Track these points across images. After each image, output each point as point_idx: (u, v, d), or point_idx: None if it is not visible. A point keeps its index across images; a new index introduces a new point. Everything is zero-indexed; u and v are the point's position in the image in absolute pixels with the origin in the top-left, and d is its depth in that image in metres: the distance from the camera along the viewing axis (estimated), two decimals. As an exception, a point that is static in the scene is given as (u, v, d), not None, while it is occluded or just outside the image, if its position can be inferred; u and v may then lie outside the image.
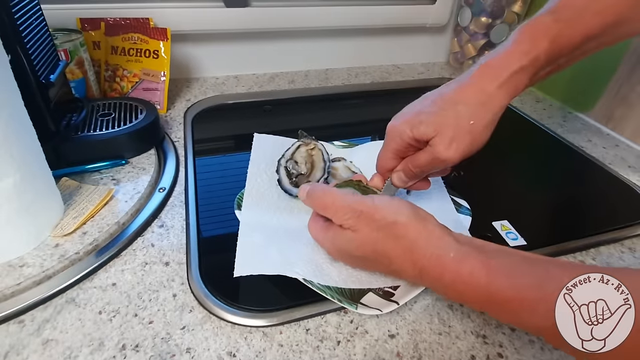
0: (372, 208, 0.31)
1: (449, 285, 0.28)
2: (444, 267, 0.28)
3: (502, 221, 0.45)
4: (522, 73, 0.33)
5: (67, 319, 0.32)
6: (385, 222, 0.30)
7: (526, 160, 0.60)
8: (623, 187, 0.52)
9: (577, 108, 0.69)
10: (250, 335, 0.32)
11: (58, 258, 0.36)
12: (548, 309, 0.24)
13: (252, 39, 0.74)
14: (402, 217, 0.30)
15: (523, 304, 0.25)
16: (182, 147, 0.54)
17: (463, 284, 0.27)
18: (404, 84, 0.79)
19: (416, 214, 0.31)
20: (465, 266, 0.27)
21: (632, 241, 0.44)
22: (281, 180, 0.44)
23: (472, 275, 0.27)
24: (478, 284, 0.27)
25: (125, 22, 0.62)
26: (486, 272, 0.26)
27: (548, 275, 0.25)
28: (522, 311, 0.25)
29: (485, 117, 0.33)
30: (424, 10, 0.78)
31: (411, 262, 0.30)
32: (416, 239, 0.29)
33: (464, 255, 0.28)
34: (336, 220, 0.32)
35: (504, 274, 0.26)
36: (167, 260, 0.38)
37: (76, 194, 0.42)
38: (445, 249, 0.28)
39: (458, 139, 0.33)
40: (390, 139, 0.37)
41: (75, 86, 0.56)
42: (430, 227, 0.30)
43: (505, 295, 0.26)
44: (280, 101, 0.70)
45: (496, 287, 0.26)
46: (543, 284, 0.25)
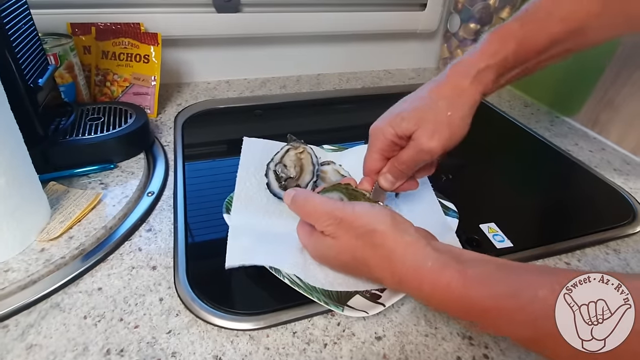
0: (352, 215, 0.31)
1: (428, 295, 0.28)
2: (422, 278, 0.28)
3: (489, 224, 0.45)
4: (488, 71, 0.35)
5: (51, 323, 0.32)
6: (364, 230, 0.30)
7: (514, 164, 0.61)
8: (608, 189, 0.53)
9: (563, 112, 0.70)
10: (236, 338, 0.32)
11: (43, 263, 0.36)
12: (526, 319, 0.24)
13: (244, 44, 0.74)
14: (380, 225, 0.30)
15: (500, 313, 0.25)
16: (172, 151, 0.54)
17: (442, 295, 0.27)
18: (395, 88, 0.80)
19: (395, 223, 0.30)
20: (443, 277, 0.27)
21: (616, 243, 0.44)
22: (270, 184, 0.44)
23: (450, 286, 0.27)
24: (456, 295, 0.26)
25: (116, 27, 0.62)
26: (463, 282, 0.26)
27: (522, 284, 0.25)
28: (500, 320, 0.25)
29: (461, 109, 0.35)
30: (414, 16, 0.79)
31: (390, 272, 0.30)
32: (394, 249, 0.29)
33: (441, 266, 0.27)
34: (318, 227, 0.33)
35: (480, 284, 0.26)
36: (154, 265, 0.38)
37: (63, 198, 0.42)
38: (423, 260, 0.28)
39: (438, 130, 0.35)
40: (374, 140, 0.39)
41: (64, 90, 0.56)
42: (408, 237, 0.30)
43: (483, 305, 0.26)
44: (271, 106, 0.70)
45: (473, 297, 0.26)
46: (518, 293, 0.25)
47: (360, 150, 0.52)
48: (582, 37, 0.36)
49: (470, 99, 0.36)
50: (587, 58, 0.64)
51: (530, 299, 0.24)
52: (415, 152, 0.36)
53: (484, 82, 0.36)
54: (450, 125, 0.35)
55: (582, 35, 0.36)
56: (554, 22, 0.35)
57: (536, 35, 0.35)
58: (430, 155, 0.35)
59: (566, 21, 0.35)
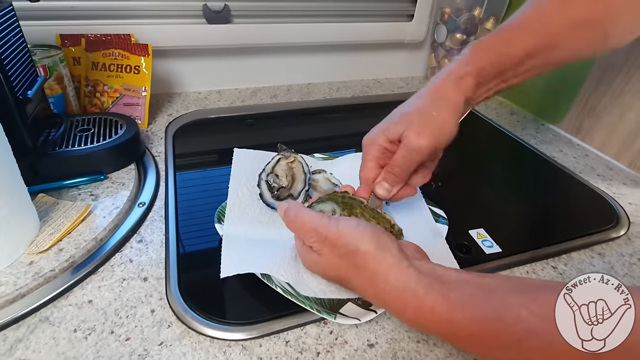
0: (335, 234, 0.31)
1: (411, 319, 0.28)
2: (405, 302, 0.28)
3: (478, 229, 0.46)
4: (467, 78, 0.37)
5: (40, 338, 0.32)
6: (346, 250, 0.30)
7: (501, 171, 0.62)
8: (593, 195, 0.54)
9: (548, 120, 0.72)
10: (229, 349, 0.32)
11: (32, 276, 0.35)
12: (510, 340, 0.24)
13: (235, 54, 0.75)
14: (362, 246, 0.30)
15: (485, 337, 0.25)
16: (162, 161, 0.54)
17: (426, 319, 0.27)
18: (384, 97, 0.81)
19: (378, 244, 0.30)
20: (427, 301, 0.27)
21: (601, 247, 0.45)
22: (263, 194, 0.45)
23: (434, 311, 0.26)
24: (440, 320, 0.26)
25: (106, 38, 0.62)
26: (447, 307, 0.26)
27: (504, 307, 0.25)
28: (484, 344, 0.26)
29: (445, 110, 0.37)
30: (402, 27, 0.81)
31: (373, 293, 0.30)
32: (376, 272, 0.29)
33: (425, 289, 0.27)
34: (305, 242, 0.33)
35: (464, 308, 0.26)
36: (146, 276, 0.38)
37: (53, 210, 0.42)
38: (406, 282, 0.28)
39: (425, 129, 0.36)
40: (367, 149, 0.40)
41: (54, 102, 0.56)
42: (391, 259, 0.29)
43: (467, 330, 0.25)
44: (262, 115, 0.71)
45: (458, 321, 0.26)
46: (501, 315, 0.25)
47: (351, 159, 0.53)
48: (554, 52, 0.38)
49: (453, 102, 0.37)
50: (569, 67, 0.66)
51: (514, 320, 0.24)
52: (405, 152, 0.37)
53: (464, 88, 0.37)
54: (437, 124, 0.36)
55: (553, 50, 0.38)
56: (526, 34, 0.38)
57: (512, 47, 0.37)
58: (419, 153, 0.36)
59: (538, 35, 0.37)
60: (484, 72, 0.37)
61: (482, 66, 0.37)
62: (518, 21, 0.39)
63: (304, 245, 0.34)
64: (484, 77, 0.38)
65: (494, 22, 0.76)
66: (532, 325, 0.23)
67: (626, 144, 0.59)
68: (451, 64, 0.39)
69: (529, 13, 0.39)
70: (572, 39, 0.38)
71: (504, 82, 0.39)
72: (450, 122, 0.37)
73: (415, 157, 0.37)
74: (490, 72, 0.38)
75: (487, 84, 0.38)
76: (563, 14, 0.37)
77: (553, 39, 0.37)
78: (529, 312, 0.24)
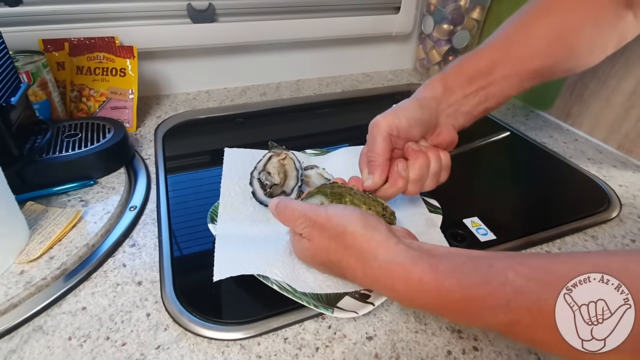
0: (325, 217, 0.32)
1: (401, 292, 0.28)
2: (394, 275, 0.28)
3: (472, 218, 0.46)
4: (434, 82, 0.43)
5: (34, 347, 0.31)
6: (335, 232, 0.31)
7: (493, 158, 0.62)
8: (583, 178, 0.55)
9: (538, 107, 0.72)
10: (227, 349, 0.32)
11: (24, 285, 0.35)
12: (498, 303, 0.24)
13: (222, 53, 0.74)
14: (350, 227, 0.30)
15: (473, 302, 0.26)
16: (153, 164, 0.54)
17: (415, 290, 0.27)
18: (374, 91, 0.81)
19: (366, 223, 0.31)
20: (415, 272, 0.27)
21: (594, 230, 0.46)
22: (255, 192, 0.44)
23: (422, 281, 0.27)
24: (429, 289, 0.27)
25: (90, 41, 0.61)
26: (435, 276, 0.27)
27: (492, 271, 0.26)
28: (473, 310, 0.26)
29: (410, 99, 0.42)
30: (389, 19, 0.81)
31: (362, 272, 0.30)
32: (365, 250, 0.30)
33: (412, 262, 0.28)
34: (296, 230, 0.34)
35: (452, 275, 0.26)
36: (140, 280, 0.37)
37: (42, 218, 0.41)
38: (394, 257, 0.28)
39: (388, 112, 0.40)
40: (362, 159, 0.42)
41: (39, 108, 0.55)
42: (379, 236, 0.30)
43: (455, 296, 0.26)
44: (252, 114, 0.70)
45: (445, 289, 0.26)
46: (488, 279, 0.25)
47: (343, 153, 0.53)
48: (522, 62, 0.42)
49: (417, 95, 0.42)
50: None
51: (501, 283, 0.25)
52: (369, 132, 0.40)
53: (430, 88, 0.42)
54: (396, 108, 0.40)
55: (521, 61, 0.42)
56: (491, 49, 0.43)
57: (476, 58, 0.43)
58: (377, 127, 0.39)
59: (499, 49, 0.43)
60: (449, 77, 0.42)
61: (446, 73, 0.43)
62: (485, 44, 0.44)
63: (295, 235, 0.34)
64: (449, 80, 0.42)
65: (480, 12, 0.76)
66: (519, 286, 0.24)
67: (614, 127, 0.60)
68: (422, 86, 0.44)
69: (494, 37, 0.44)
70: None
71: (482, 89, 0.42)
72: (408, 108, 0.40)
73: (375, 133, 0.39)
74: (456, 78, 0.42)
75: (457, 88, 0.42)
76: (525, 32, 0.42)
77: (514, 51, 0.42)
78: (515, 274, 0.25)
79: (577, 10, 0.41)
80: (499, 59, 0.42)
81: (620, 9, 0.40)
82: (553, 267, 0.24)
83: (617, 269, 0.22)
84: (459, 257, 0.28)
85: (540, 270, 0.24)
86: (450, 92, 0.42)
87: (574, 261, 0.24)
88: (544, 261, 0.25)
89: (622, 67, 0.57)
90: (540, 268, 0.25)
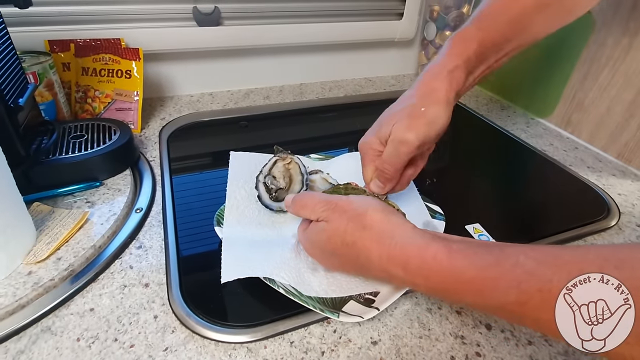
0: (346, 201, 0.34)
1: (415, 271, 0.29)
2: (409, 254, 0.29)
3: (474, 224, 0.47)
4: (457, 71, 0.38)
5: (43, 348, 0.31)
6: (355, 213, 0.32)
7: (494, 165, 0.63)
8: (583, 186, 0.56)
9: (538, 114, 0.73)
10: (234, 352, 0.32)
11: (32, 286, 0.35)
12: (509, 284, 0.25)
13: (226, 56, 0.74)
14: (371, 208, 0.32)
15: (485, 282, 0.26)
16: (158, 166, 0.54)
17: (428, 269, 0.29)
18: (376, 95, 0.81)
19: (385, 208, 0.33)
20: (429, 251, 0.29)
21: (593, 237, 0.46)
22: (261, 196, 0.45)
23: (436, 259, 0.28)
24: (442, 267, 0.28)
25: (96, 43, 0.61)
26: (448, 254, 0.28)
27: (503, 254, 0.27)
28: (484, 289, 0.27)
29: (435, 105, 0.37)
30: (392, 25, 0.82)
31: (377, 253, 0.31)
32: (383, 230, 0.31)
33: (427, 242, 0.29)
34: (313, 216, 0.35)
35: (465, 256, 0.28)
36: (147, 282, 0.37)
37: (49, 219, 0.42)
38: (410, 238, 0.30)
39: (414, 124, 0.37)
40: (363, 154, 0.41)
41: (45, 109, 0.55)
42: (398, 219, 0.32)
43: (467, 275, 0.27)
44: (256, 117, 0.71)
45: (459, 267, 0.27)
46: (500, 261, 0.26)
47: (346, 158, 0.53)
48: (528, 34, 0.41)
49: (442, 96, 0.37)
50: (555, 63, 0.67)
51: (513, 264, 0.26)
52: (393, 147, 0.37)
53: (456, 81, 0.38)
54: (425, 119, 0.37)
55: (527, 32, 0.41)
56: (503, 24, 0.40)
57: (491, 36, 0.40)
58: (407, 146, 0.37)
59: (513, 23, 0.40)
60: (471, 62, 0.39)
61: (468, 57, 0.39)
62: (491, 10, 0.41)
63: (307, 223, 0.36)
64: (470, 66, 0.39)
65: (483, 19, 0.77)
66: (530, 268, 0.25)
67: (614, 136, 0.61)
68: (437, 58, 0.40)
69: None
70: (541, 16, 0.40)
71: (488, 68, 0.41)
72: (439, 116, 0.37)
73: (403, 151, 0.37)
74: (474, 61, 0.39)
75: (474, 72, 0.40)
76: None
77: (525, 24, 0.40)
78: (526, 257, 0.25)
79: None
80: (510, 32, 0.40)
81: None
82: (562, 253, 0.25)
83: (624, 258, 0.23)
84: (472, 242, 0.30)
85: (551, 255, 0.25)
86: (468, 78, 0.40)
87: (581, 250, 0.25)
88: (553, 249, 0.26)
89: (622, 76, 0.58)
90: (550, 254, 0.26)
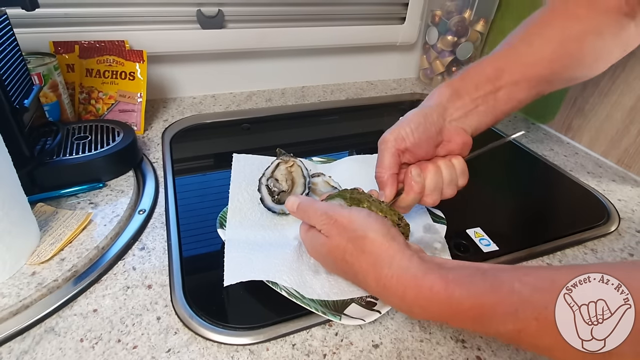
0: (347, 218, 0.33)
1: (412, 302, 0.29)
2: (406, 284, 0.29)
3: (475, 228, 0.47)
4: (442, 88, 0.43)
5: (46, 348, 0.32)
6: (355, 235, 0.32)
7: (495, 170, 0.63)
8: (583, 192, 0.56)
9: (539, 119, 0.74)
10: (237, 354, 0.32)
11: (35, 286, 0.35)
12: (506, 311, 0.25)
13: (229, 58, 0.75)
14: (371, 233, 0.31)
15: (482, 309, 0.26)
16: (161, 167, 0.54)
17: (425, 300, 0.28)
18: (378, 99, 0.82)
19: (386, 233, 0.32)
20: (426, 281, 0.28)
21: (593, 243, 0.47)
22: (264, 199, 0.45)
23: (432, 290, 0.28)
24: (439, 298, 0.28)
25: (100, 44, 0.62)
26: (445, 285, 0.28)
27: (498, 281, 0.27)
28: (483, 317, 0.27)
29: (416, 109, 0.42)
30: (394, 29, 0.82)
31: (375, 279, 0.31)
32: (382, 258, 0.30)
33: (424, 272, 0.29)
34: (315, 224, 0.35)
35: (461, 285, 0.27)
36: (150, 283, 0.38)
37: (52, 219, 0.42)
38: (408, 268, 0.30)
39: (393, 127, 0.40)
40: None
41: (49, 110, 0.55)
42: (397, 246, 0.31)
43: (465, 304, 0.27)
44: (258, 119, 0.71)
45: (455, 298, 0.27)
46: (496, 288, 0.26)
47: (348, 162, 0.54)
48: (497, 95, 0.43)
49: (424, 105, 0.42)
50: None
51: (508, 292, 0.26)
52: (379, 150, 0.40)
53: (438, 93, 0.43)
54: (402, 124, 0.40)
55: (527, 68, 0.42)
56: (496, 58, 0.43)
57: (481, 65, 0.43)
58: (384, 143, 0.39)
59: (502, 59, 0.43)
60: (456, 83, 0.43)
61: (453, 80, 0.43)
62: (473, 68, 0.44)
63: (312, 229, 0.35)
64: (456, 86, 0.42)
65: (484, 25, 0.78)
66: (525, 296, 0.25)
67: (614, 141, 0.61)
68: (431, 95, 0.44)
69: (498, 48, 0.44)
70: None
71: (490, 93, 0.42)
72: (412, 118, 0.40)
73: (382, 149, 0.39)
74: (463, 84, 0.42)
75: (464, 93, 0.42)
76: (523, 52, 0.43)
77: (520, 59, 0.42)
78: (521, 284, 0.26)
79: (578, 21, 0.42)
80: (505, 66, 0.42)
81: (622, 19, 0.41)
82: (558, 276, 0.25)
83: (619, 276, 0.23)
84: (467, 268, 0.29)
85: (547, 280, 0.25)
86: (457, 96, 0.42)
87: (577, 270, 0.25)
88: (548, 272, 0.26)
89: (622, 82, 0.58)
90: (546, 278, 0.26)
